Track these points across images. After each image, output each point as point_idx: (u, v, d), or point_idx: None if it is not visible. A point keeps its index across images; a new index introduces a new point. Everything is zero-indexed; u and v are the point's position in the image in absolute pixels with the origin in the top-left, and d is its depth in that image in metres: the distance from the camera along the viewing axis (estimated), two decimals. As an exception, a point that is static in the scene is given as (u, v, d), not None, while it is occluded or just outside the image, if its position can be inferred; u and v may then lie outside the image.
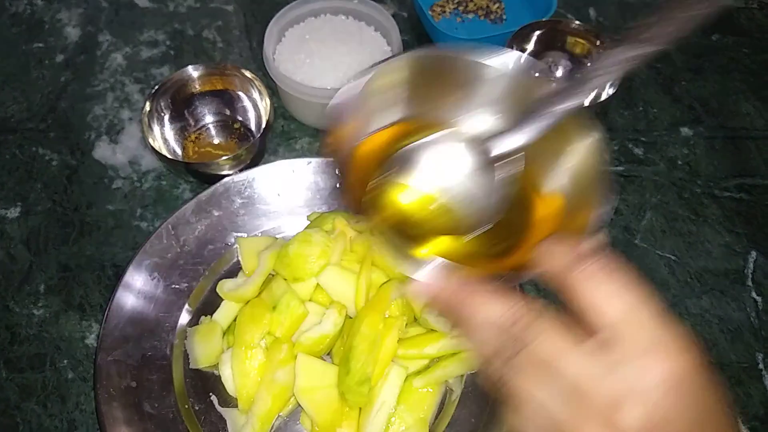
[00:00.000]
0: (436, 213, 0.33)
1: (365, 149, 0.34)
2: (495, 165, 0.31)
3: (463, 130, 0.34)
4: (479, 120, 0.34)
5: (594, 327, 0.25)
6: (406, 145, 0.33)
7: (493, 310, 0.27)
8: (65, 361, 0.54)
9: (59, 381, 0.53)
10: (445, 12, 0.75)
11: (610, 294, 0.25)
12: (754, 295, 0.58)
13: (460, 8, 0.75)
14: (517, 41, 0.66)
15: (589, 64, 0.64)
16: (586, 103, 0.31)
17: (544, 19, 0.66)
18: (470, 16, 0.75)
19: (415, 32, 0.74)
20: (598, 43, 0.65)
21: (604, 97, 0.64)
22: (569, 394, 0.25)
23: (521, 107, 0.31)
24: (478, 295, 0.28)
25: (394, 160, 0.33)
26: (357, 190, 0.33)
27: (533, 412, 0.26)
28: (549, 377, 0.26)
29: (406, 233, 0.32)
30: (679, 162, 0.65)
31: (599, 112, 0.67)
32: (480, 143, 0.31)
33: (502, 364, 0.27)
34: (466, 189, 0.32)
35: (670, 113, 0.68)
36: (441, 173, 0.33)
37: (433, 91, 0.35)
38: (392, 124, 0.35)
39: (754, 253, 0.60)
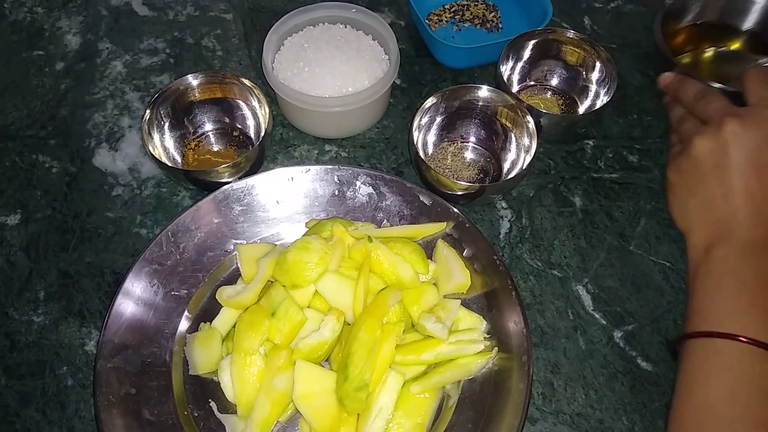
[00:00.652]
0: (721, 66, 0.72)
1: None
2: None
3: None
4: None
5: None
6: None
7: (691, 88, 0.57)
8: (65, 368, 0.54)
9: (59, 388, 0.53)
10: (441, 21, 0.75)
11: (761, 86, 0.53)
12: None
13: (457, 17, 0.76)
14: (512, 50, 0.66)
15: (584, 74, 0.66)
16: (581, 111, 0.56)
17: (539, 28, 0.67)
18: (466, 24, 0.76)
19: (413, 41, 0.75)
20: (593, 52, 0.66)
21: (598, 105, 0.65)
22: (702, 123, 0.55)
23: None
24: (687, 82, 0.59)
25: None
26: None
27: (680, 138, 0.58)
28: (695, 118, 0.57)
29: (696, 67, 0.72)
30: (674, 169, 0.65)
31: (594, 119, 0.68)
32: None
33: (680, 125, 0.59)
34: None
35: (665, 121, 0.69)
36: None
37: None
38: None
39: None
